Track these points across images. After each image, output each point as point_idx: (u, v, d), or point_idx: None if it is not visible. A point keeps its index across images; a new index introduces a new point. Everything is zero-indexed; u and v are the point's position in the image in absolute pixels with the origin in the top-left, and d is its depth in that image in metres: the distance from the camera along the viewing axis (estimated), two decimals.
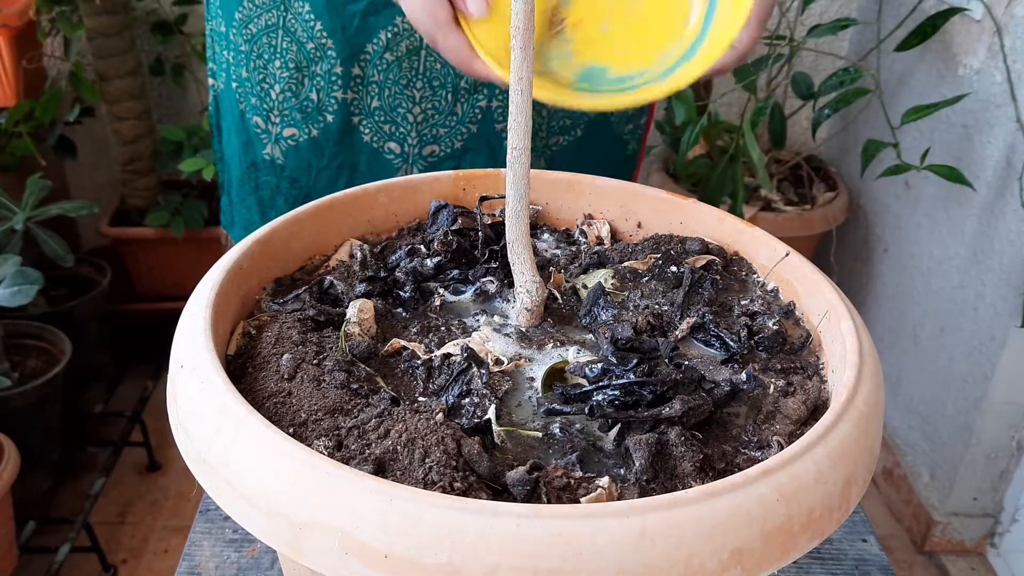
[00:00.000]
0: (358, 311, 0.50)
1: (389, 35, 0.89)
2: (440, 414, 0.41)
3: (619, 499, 0.38)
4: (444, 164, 0.96)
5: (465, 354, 0.46)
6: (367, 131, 0.94)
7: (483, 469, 0.38)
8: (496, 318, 0.52)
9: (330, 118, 0.94)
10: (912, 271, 1.61)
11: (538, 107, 0.92)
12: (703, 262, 0.55)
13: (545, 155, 0.98)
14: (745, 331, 0.50)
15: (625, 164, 1.09)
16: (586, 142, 1.01)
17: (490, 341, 0.49)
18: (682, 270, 0.54)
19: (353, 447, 0.40)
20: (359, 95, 0.92)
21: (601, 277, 0.56)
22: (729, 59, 0.74)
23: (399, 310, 0.53)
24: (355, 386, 0.44)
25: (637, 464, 0.40)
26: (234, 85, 0.95)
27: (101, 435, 1.69)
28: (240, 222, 1.04)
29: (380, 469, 0.38)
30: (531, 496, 0.38)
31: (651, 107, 1.06)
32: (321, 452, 0.39)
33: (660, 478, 0.40)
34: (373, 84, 0.92)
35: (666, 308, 0.52)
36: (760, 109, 1.32)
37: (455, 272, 0.55)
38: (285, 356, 0.46)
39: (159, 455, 1.67)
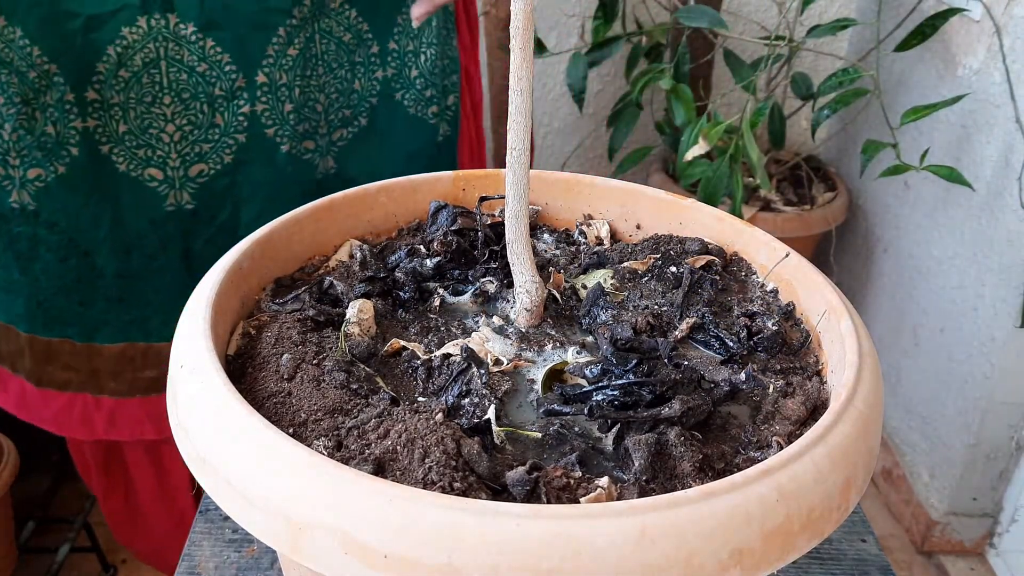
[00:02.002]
0: (358, 311, 0.50)
1: (119, 49, 0.80)
2: (440, 414, 0.41)
3: (619, 499, 0.38)
4: (217, 182, 0.88)
5: (465, 354, 0.47)
6: (121, 160, 0.85)
7: (483, 469, 0.38)
8: (496, 318, 0.52)
9: (75, 151, 0.84)
10: (912, 271, 1.61)
11: (312, 103, 0.88)
12: (702, 262, 0.55)
13: (332, 152, 0.91)
14: (744, 331, 0.50)
15: (440, 152, 1.01)
16: (375, 132, 0.94)
17: (490, 341, 0.49)
18: (682, 270, 0.54)
19: (353, 447, 0.40)
20: (102, 121, 0.83)
21: (601, 277, 0.56)
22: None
23: (399, 310, 0.53)
24: (355, 386, 0.44)
25: (637, 464, 0.40)
26: None
27: None
28: None
29: (380, 469, 0.38)
30: (531, 496, 0.38)
31: (460, 86, 1.01)
32: (321, 452, 0.39)
33: (660, 478, 0.40)
34: (115, 107, 0.83)
35: (666, 308, 0.52)
36: (759, 109, 1.32)
37: (455, 272, 0.55)
38: (285, 356, 0.46)
39: None
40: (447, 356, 0.47)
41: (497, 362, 0.48)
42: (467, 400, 0.44)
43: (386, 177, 0.99)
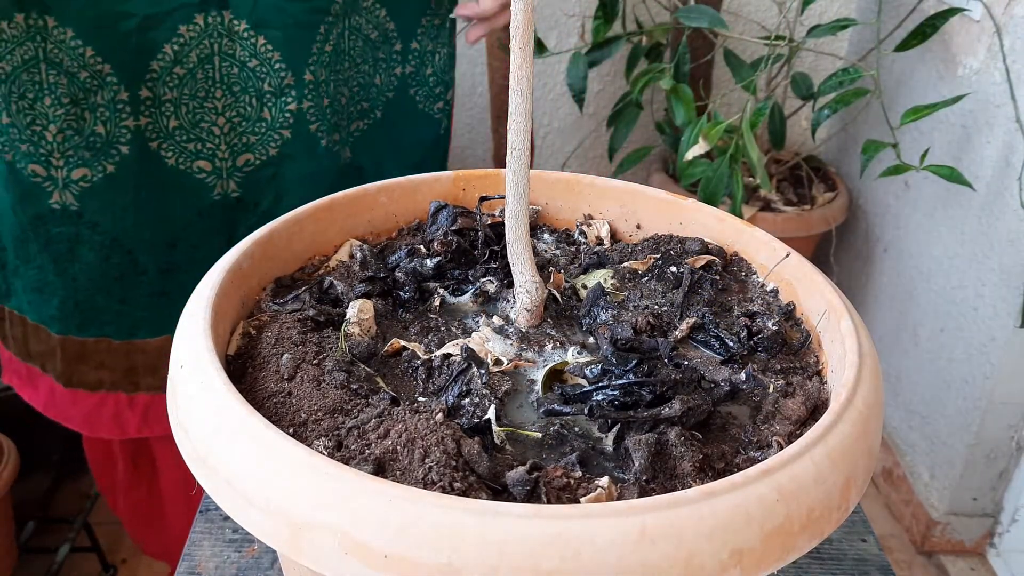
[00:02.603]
0: (358, 311, 0.50)
1: (175, 48, 0.81)
2: (440, 414, 0.41)
3: (619, 499, 0.38)
4: (263, 172, 0.90)
5: (465, 354, 0.47)
6: (170, 155, 0.86)
7: (483, 469, 0.38)
8: (496, 318, 0.52)
9: (125, 150, 0.84)
10: (912, 271, 1.61)
11: (339, 96, 0.90)
12: (703, 262, 0.55)
13: (348, 142, 0.94)
14: (744, 331, 0.50)
15: (436, 145, 1.04)
16: (387, 124, 0.97)
17: (490, 341, 0.49)
18: (682, 270, 0.54)
19: (353, 447, 0.40)
20: (153, 119, 0.84)
21: (601, 277, 0.56)
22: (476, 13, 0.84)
23: (399, 310, 0.53)
24: (355, 386, 0.44)
25: (637, 464, 0.40)
26: None
27: None
28: (28, 286, 0.93)
29: (380, 469, 0.38)
30: (531, 496, 0.38)
31: (455, 80, 1.05)
32: (321, 452, 0.39)
33: (660, 478, 0.40)
34: (167, 104, 0.83)
35: (666, 308, 0.52)
36: (759, 109, 1.32)
37: (455, 272, 0.55)
38: (285, 356, 0.46)
39: None
40: (447, 356, 0.47)
41: (497, 362, 0.48)
42: (467, 400, 0.44)
43: (390, 167, 0.97)
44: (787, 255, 0.54)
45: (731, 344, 0.49)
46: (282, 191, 0.92)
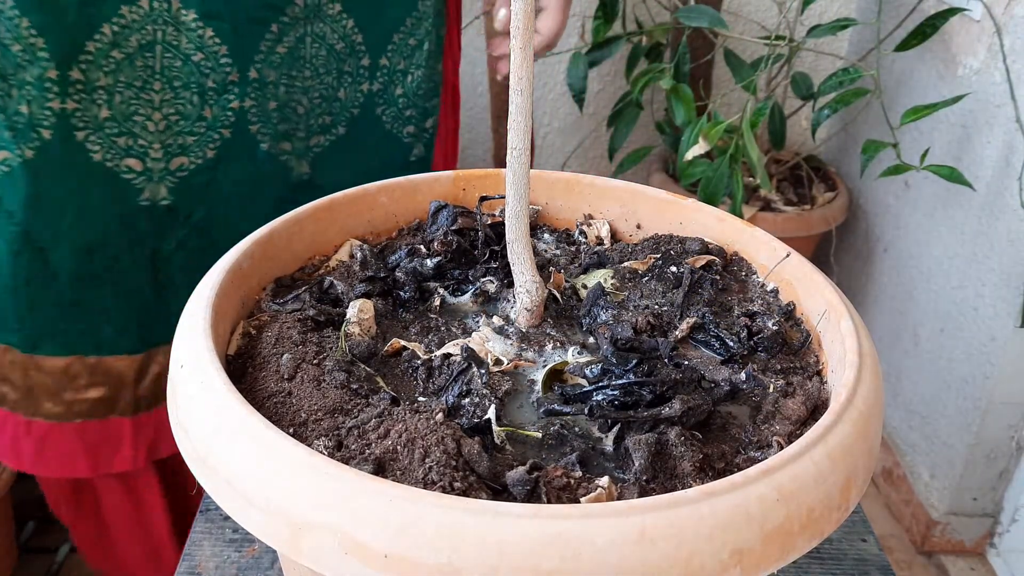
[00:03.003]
0: (358, 311, 0.50)
1: (115, 28, 0.74)
2: (440, 414, 0.41)
3: (619, 499, 0.38)
4: (197, 177, 0.82)
5: (465, 354, 0.47)
6: (97, 148, 0.78)
7: (483, 469, 0.38)
8: (496, 318, 0.52)
9: (47, 135, 0.76)
10: (912, 271, 1.61)
11: (294, 103, 0.85)
12: (703, 262, 0.55)
13: (307, 157, 0.88)
14: (745, 331, 0.50)
15: (408, 170, 0.91)
16: (351, 142, 0.91)
17: (490, 341, 0.49)
18: (682, 270, 0.54)
19: (353, 447, 0.40)
20: (82, 104, 0.77)
21: (601, 277, 0.56)
22: (537, 45, 0.77)
23: (399, 310, 0.53)
24: (355, 386, 0.44)
25: (637, 464, 0.40)
26: None
27: None
28: None
29: (380, 469, 0.38)
30: (531, 496, 0.38)
31: (439, 110, 0.98)
32: (321, 452, 0.39)
33: (660, 478, 0.40)
34: (99, 90, 0.76)
35: (666, 308, 0.52)
36: (760, 109, 1.32)
37: (455, 272, 0.55)
38: (285, 356, 0.46)
39: None
40: (447, 356, 0.47)
41: (497, 362, 0.48)
42: (467, 400, 0.44)
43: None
44: (787, 255, 0.54)
45: (731, 344, 0.49)
46: (217, 200, 0.85)
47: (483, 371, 0.45)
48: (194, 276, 0.87)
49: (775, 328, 0.50)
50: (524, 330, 0.51)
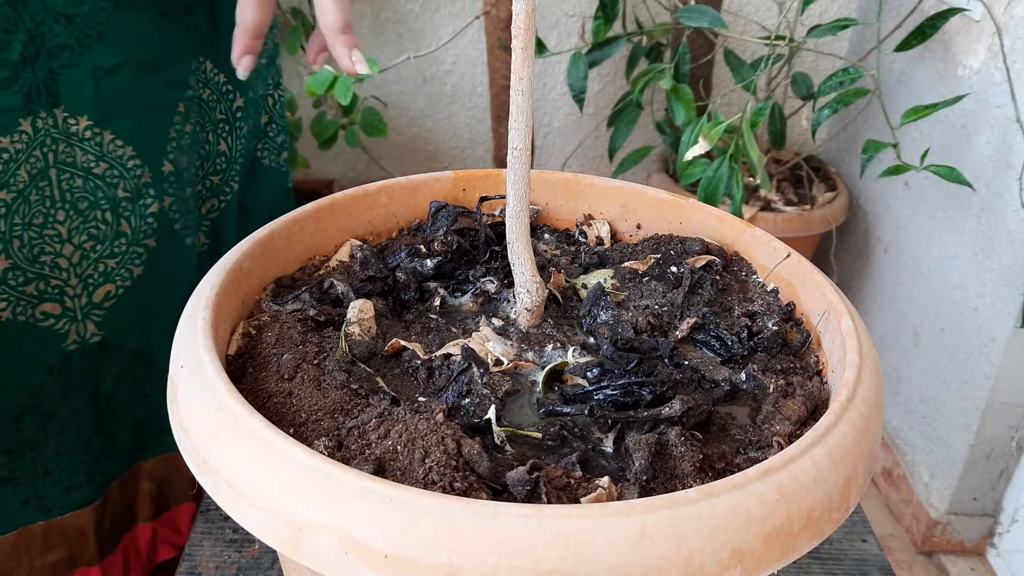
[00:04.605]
0: (358, 311, 0.50)
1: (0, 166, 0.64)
2: (440, 414, 0.41)
3: (619, 499, 0.38)
4: (126, 302, 0.72)
5: (465, 354, 0.47)
6: (3, 304, 0.67)
7: (483, 469, 0.38)
8: (496, 318, 0.52)
9: None
10: (912, 271, 1.61)
11: (189, 175, 0.73)
12: (703, 262, 0.55)
13: (203, 228, 0.77)
14: (745, 331, 0.50)
15: (285, 203, 0.89)
16: (242, 195, 0.82)
17: (490, 341, 0.49)
18: (682, 270, 0.54)
19: (353, 447, 0.40)
20: None
21: (601, 277, 0.56)
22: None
23: (399, 310, 0.53)
24: (355, 386, 0.44)
25: (637, 464, 0.40)
26: None
27: None
28: None
29: (380, 469, 0.38)
30: (531, 496, 0.38)
31: (286, 126, 0.90)
32: (321, 452, 0.39)
33: (660, 478, 0.40)
34: None
35: (666, 308, 0.52)
36: (760, 109, 1.32)
37: (455, 272, 0.55)
38: (285, 356, 0.46)
39: None
40: (447, 356, 0.47)
41: (497, 362, 0.48)
42: (467, 400, 0.44)
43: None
44: (787, 255, 0.54)
45: (731, 344, 0.49)
46: (154, 319, 0.74)
47: (483, 371, 0.45)
48: (142, 403, 0.79)
49: (775, 328, 0.50)
50: (524, 330, 0.51)
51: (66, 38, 0.62)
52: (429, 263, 0.55)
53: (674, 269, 0.55)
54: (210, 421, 0.39)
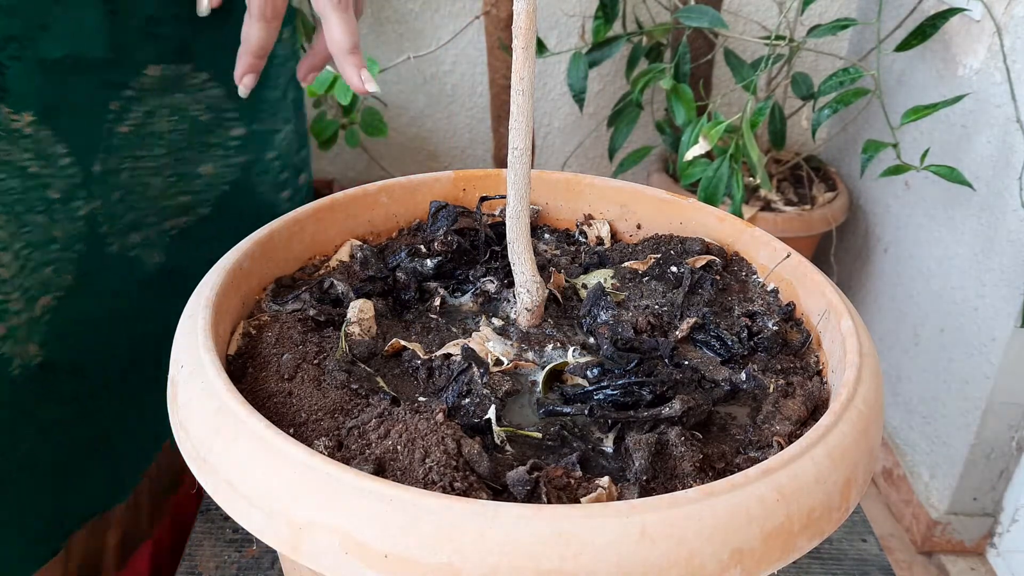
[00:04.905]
0: (358, 311, 0.50)
1: None
2: (440, 414, 0.41)
3: (619, 499, 0.38)
4: (63, 314, 0.66)
5: (465, 354, 0.47)
6: None
7: (483, 469, 0.38)
8: (496, 318, 0.52)
9: None
10: (912, 271, 1.61)
11: (142, 187, 0.70)
12: (703, 262, 0.55)
13: (161, 244, 0.73)
14: (745, 331, 0.50)
15: None
16: (219, 220, 0.77)
17: (490, 341, 0.49)
18: (682, 270, 0.54)
19: (353, 447, 0.40)
20: None
21: (601, 277, 0.56)
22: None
23: (399, 310, 0.53)
24: (355, 386, 0.44)
25: (637, 464, 0.40)
26: None
27: None
28: None
29: (380, 469, 0.38)
30: (531, 496, 0.38)
31: (310, 161, 0.87)
32: (321, 452, 0.39)
33: (660, 478, 0.40)
34: None
35: (666, 308, 0.52)
36: (760, 109, 1.32)
37: (455, 272, 0.55)
38: (285, 356, 0.46)
39: None
40: (447, 356, 0.47)
41: (497, 362, 0.48)
42: (467, 400, 0.44)
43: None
44: (787, 255, 0.54)
45: (731, 344, 0.49)
46: (84, 330, 0.69)
47: (483, 371, 0.45)
48: (88, 426, 0.71)
49: (775, 328, 0.50)
50: (524, 330, 0.51)
51: (11, 29, 0.60)
52: (429, 263, 0.55)
53: (674, 269, 0.55)
54: (210, 421, 0.39)
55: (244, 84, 0.67)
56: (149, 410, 0.72)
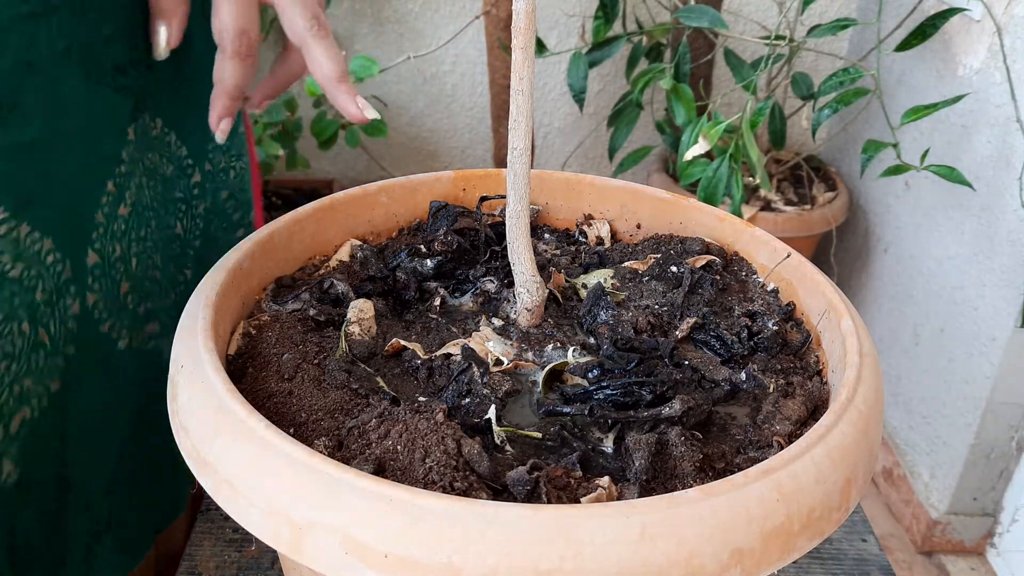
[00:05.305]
0: (358, 311, 0.50)
1: None
2: (440, 414, 0.41)
3: (619, 499, 0.38)
4: (43, 425, 0.58)
5: (465, 354, 0.47)
6: None
7: (483, 469, 0.38)
8: (496, 318, 0.52)
9: None
10: (912, 271, 1.61)
11: (152, 271, 0.64)
12: (703, 262, 0.55)
13: (171, 331, 0.61)
14: (745, 331, 0.50)
15: None
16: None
17: (490, 341, 0.49)
18: (682, 270, 0.54)
19: (353, 447, 0.40)
20: None
21: (601, 277, 0.56)
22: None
23: (399, 310, 0.53)
24: (355, 386, 0.44)
25: (637, 464, 0.40)
26: None
27: None
28: None
29: (380, 469, 0.38)
30: (531, 496, 0.38)
31: (254, 195, 0.77)
32: (321, 452, 0.39)
33: (660, 478, 0.40)
34: None
35: (666, 308, 0.52)
36: (760, 109, 1.32)
37: (455, 272, 0.55)
38: (286, 356, 0.46)
39: None
40: (447, 356, 0.47)
41: (497, 362, 0.48)
42: (468, 400, 0.44)
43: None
44: (787, 255, 0.54)
45: (731, 344, 0.49)
46: (69, 445, 0.60)
47: (483, 371, 0.45)
48: (59, 541, 0.61)
49: (775, 328, 0.50)
50: (524, 330, 0.51)
51: None
52: (429, 263, 0.55)
53: (674, 269, 0.55)
54: (210, 421, 0.39)
55: (221, 130, 0.59)
56: (156, 492, 0.68)
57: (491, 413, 0.43)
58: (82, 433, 0.61)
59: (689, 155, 1.28)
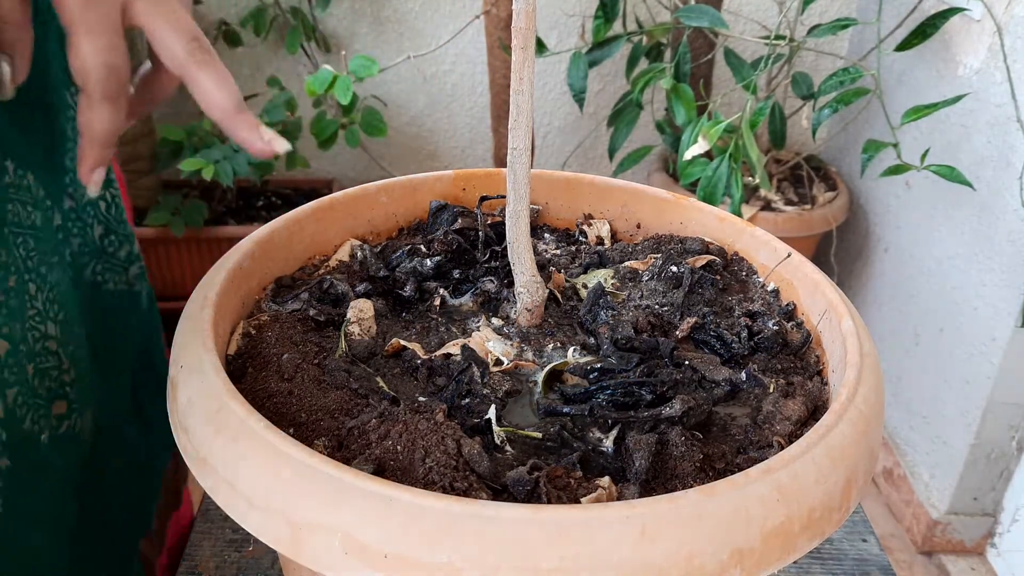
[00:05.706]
0: (358, 311, 0.50)
1: None
2: (440, 414, 0.41)
3: (619, 499, 0.38)
4: None
5: (465, 354, 0.47)
6: None
7: (483, 469, 0.38)
8: (496, 318, 0.52)
9: None
10: (912, 271, 1.61)
11: (46, 338, 0.54)
12: (703, 262, 0.55)
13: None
14: (745, 331, 0.50)
15: (149, 325, 0.67)
16: (98, 333, 0.60)
17: (490, 341, 0.49)
18: (682, 270, 0.54)
19: (353, 447, 0.40)
20: None
21: (601, 277, 0.56)
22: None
23: (399, 310, 0.53)
24: (355, 386, 0.44)
25: (637, 464, 0.40)
26: None
27: None
28: None
29: (380, 469, 0.38)
30: (531, 496, 0.38)
31: (133, 237, 0.66)
32: (321, 452, 0.39)
33: (660, 478, 0.40)
34: None
35: (666, 308, 0.52)
36: (760, 109, 1.32)
37: (455, 272, 0.55)
38: (285, 356, 0.46)
39: None
40: (447, 356, 0.47)
41: (497, 362, 0.48)
42: (468, 400, 0.44)
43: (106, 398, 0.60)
44: (788, 255, 0.54)
45: (731, 344, 0.49)
46: (17, 557, 0.52)
47: (483, 371, 0.45)
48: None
49: (775, 328, 0.50)
50: (524, 330, 0.51)
51: None
52: (429, 263, 0.55)
53: (674, 269, 0.55)
54: (210, 421, 0.39)
55: (94, 182, 0.48)
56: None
57: (491, 413, 0.42)
58: (29, 552, 0.53)
59: (689, 155, 1.28)
